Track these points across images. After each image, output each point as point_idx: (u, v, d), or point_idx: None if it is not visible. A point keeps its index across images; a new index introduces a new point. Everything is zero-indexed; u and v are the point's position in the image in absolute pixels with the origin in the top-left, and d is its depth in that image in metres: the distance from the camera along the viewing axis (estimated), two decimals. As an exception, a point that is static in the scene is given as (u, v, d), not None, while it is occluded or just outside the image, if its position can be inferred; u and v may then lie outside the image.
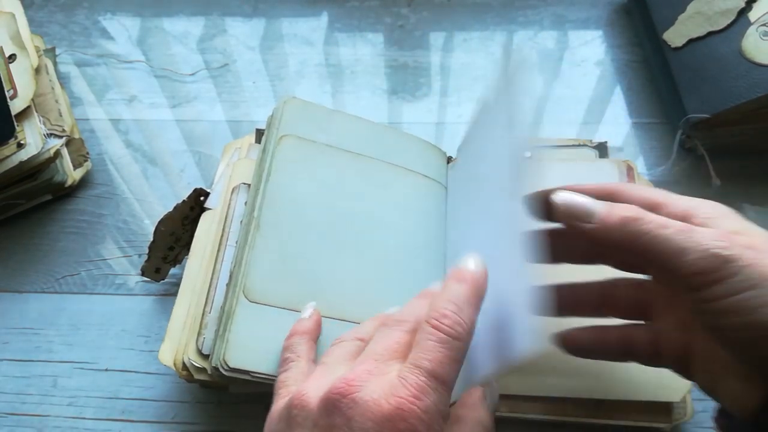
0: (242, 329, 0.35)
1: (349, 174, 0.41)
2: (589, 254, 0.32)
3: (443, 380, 0.25)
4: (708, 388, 0.29)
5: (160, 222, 0.42)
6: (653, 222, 0.26)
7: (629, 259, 0.31)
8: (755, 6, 0.47)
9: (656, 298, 0.31)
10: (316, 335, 0.35)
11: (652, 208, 0.28)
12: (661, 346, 0.30)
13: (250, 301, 0.36)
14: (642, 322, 0.32)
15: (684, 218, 0.27)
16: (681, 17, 0.49)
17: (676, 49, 0.49)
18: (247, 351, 0.35)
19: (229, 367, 0.34)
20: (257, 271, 0.37)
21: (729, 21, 0.47)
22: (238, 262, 0.38)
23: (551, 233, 0.31)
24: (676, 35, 0.49)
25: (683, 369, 0.30)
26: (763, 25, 0.46)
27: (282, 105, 0.42)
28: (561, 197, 0.29)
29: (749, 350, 0.25)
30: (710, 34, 0.48)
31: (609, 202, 0.28)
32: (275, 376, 0.33)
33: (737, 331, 0.25)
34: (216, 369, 0.35)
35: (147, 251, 0.43)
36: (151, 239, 0.43)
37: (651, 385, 0.36)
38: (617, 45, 0.56)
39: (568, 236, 0.30)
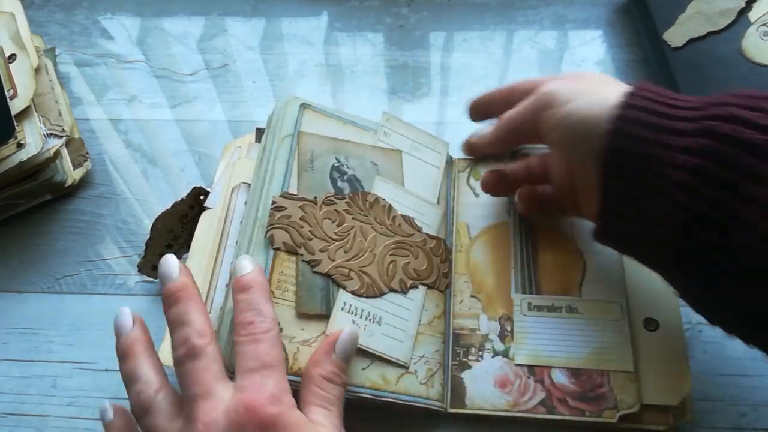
0: None
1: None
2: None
3: (269, 364, 0.31)
4: (578, 211, 0.38)
5: (157, 219, 0.42)
6: (511, 113, 0.38)
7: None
8: (755, 6, 0.47)
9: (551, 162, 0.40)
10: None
11: (511, 91, 0.40)
12: (562, 196, 0.38)
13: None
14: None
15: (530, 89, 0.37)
16: (681, 17, 0.49)
17: (677, 49, 0.49)
18: None
19: (233, 371, 0.34)
20: None
21: (729, 21, 0.47)
22: None
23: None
24: (676, 35, 0.49)
25: (576, 209, 0.38)
26: (764, 25, 0.46)
27: (284, 105, 0.42)
28: (464, 142, 0.45)
29: (574, 152, 0.34)
30: (710, 34, 0.48)
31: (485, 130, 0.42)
32: None
33: (563, 138, 0.34)
34: None
35: (144, 248, 0.43)
36: (148, 236, 0.43)
37: (650, 388, 0.36)
38: (617, 45, 0.56)
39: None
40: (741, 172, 0.27)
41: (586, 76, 0.36)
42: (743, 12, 0.47)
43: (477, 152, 0.44)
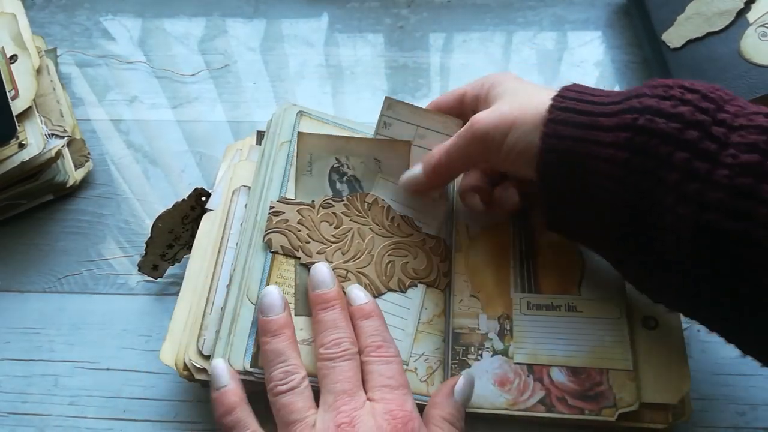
0: (246, 332, 0.36)
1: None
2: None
3: (404, 385, 0.34)
4: None
5: (157, 218, 0.43)
6: (442, 155, 0.38)
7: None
8: (754, 7, 0.47)
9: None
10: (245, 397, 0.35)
11: (460, 101, 0.40)
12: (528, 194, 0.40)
13: (253, 304, 0.37)
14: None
15: (478, 97, 0.39)
16: (680, 18, 0.49)
17: (675, 49, 0.49)
18: (251, 353, 0.36)
19: (234, 368, 0.35)
20: (260, 273, 0.37)
21: (728, 22, 0.47)
22: (240, 265, 0.38)
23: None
24: (675, 36, 0.49)
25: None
26: (762, 25, 0.46)
27: (282, 112, 0.43)
28: (400, 181, 0.42)
29: (525, 169, 0.35)
30: (709, 34, 0.48)
31: (425, 161, 0.40)
32: None
33: (514, 163, 0.35)
34: None
35: (144, 247, 0.43)
36: (149, 236, 0.43)
37: (649, 386, 0.36)
38: (616, 46, 0.57)
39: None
40: (659, 161, 0.29)
41: (509, 90, 0.36)
42: (742, 13, 0.47)
43: (415, 193, 0.42)
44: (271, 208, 0.39)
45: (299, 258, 0.38)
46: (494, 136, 0.34)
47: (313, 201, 0.40)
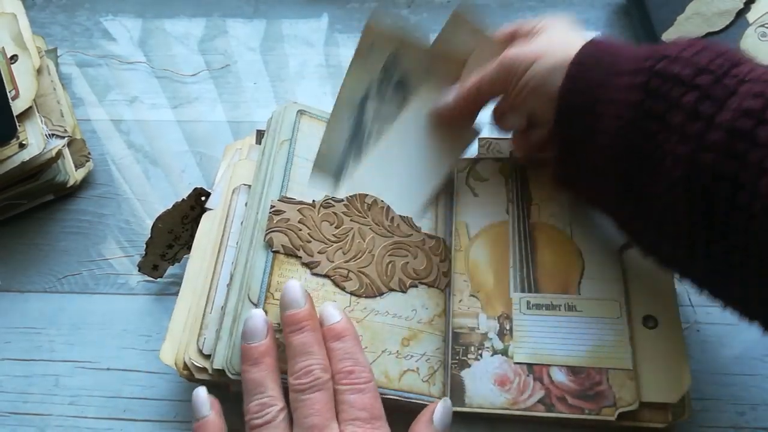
0: None
1: None
2: None
3: (378, 416, 0.32)
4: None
5: (157, 219, 0.43)
6: (470, 83, 0.40)
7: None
8: (753, 7, 0.47)
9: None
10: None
11: (513, 34, 0.41)
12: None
13: (253, 304, 0.36)
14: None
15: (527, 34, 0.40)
16: (680, 18, 0.49)
17: (675, 49, 0.49)
18: None
19: (236, 371, 0.35)
20: (261, 273, 0.37)
21: (727, 22, 0.47)
22: (241, 264, 0.38)
23: None
24: (675, 36, 0.49)
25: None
26: (762, 26, 0.46)
27: (282, 110, 0.43)
28: (431, 109, 0.43)
29: (540, 104, 0.37)
30: (709, 35, 0.48)
31: (453, 93, 0.42)
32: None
33: (530, 95, 0.37)
34: (220, 372, 0.35)
35: (144, 247, 0.43)
36: (149, 236, 0.43)
37: (649, 386, 0.36)
38: (616, 46, 0.57)
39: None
40: (669, 103, 0.30)
41: (549, 28, 0.38)
42: (741, 13, 0.47)
43: (444, 120, 0.43)
44: (272, 207, 0.39)
45: (300, 257, 0.38)
46: (518, 67, 0.36)
47: (313, 201, 0.40)
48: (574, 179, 0.37)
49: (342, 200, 0.41)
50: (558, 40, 0.37)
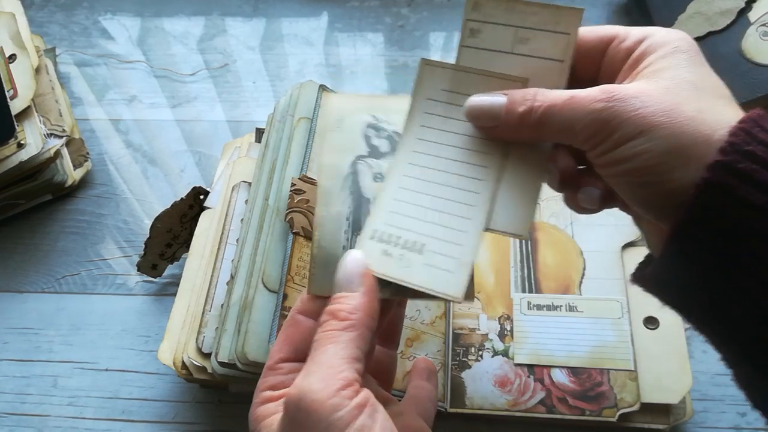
0: (262, 320, 0.34)
1: None
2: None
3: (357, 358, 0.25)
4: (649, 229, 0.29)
5: (156, 218, 0.43)
6: (543, 104, 0.26)
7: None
8: (755, 6, 0.47)
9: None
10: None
11: (607, 42, 0.28)
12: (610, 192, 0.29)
13: (270, 291, 0.35)
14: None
15: (626, 55, 0.27)
16: (681, 17, 0.49)
17: (676, 49, 0.49)
18: (266, 343, 0.34)
19: (248, 360, 0.33)
20: (279, 258, 0.36)
21: (729, 21, 0.47)
22: (247, 254, 0.37)
23: None
24: (675, 35, 0.49)
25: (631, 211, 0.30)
26: (763, 25, 0.46)
27: (298, 87, 0.42)
28: (470, 100, 0.29)
29: (641, 194, 0.25)
30: (710, 34, 0.48)
31: (512, 96, 0.27)
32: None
33: (623, 178, 0.25)
34: (228, 364, 0.34)
35: (143, 247, 0.43)
36: (148, 235, 0.43)
37: (651, 387, 0.36)
38: (617, 45, 0.56)
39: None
40: None
41: (675, 74, 0.25)
42: (743, 12, 0.47)
43: (495, 135, 0.29)
44: (292, 185, 0.37)
45: None
46: (625, 126, 0.24)
47: None
48: (664, 284, 0.27)
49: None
50: (688, 100, 0.24)
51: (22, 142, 0.45)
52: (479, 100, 0.28)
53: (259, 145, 0.44)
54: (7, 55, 0.48)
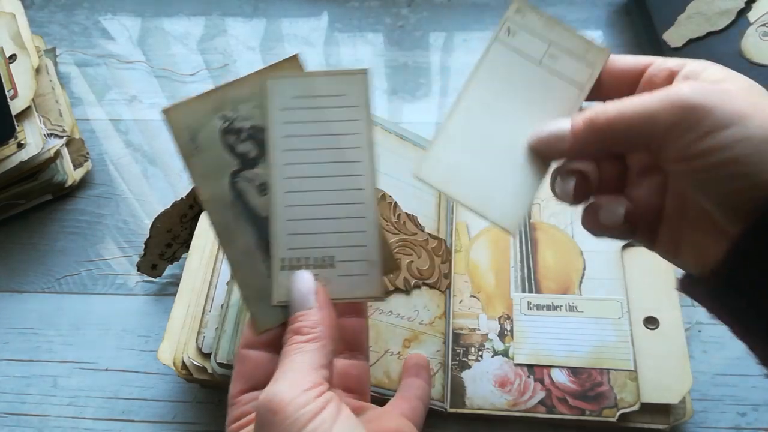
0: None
1: None
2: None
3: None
4: (671, 252, 0.28)
5: (156, 218, 0.43)
6: (610, 109, 0.26)
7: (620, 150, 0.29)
8: (755, 6, 0.47)
9: (631, 167, 0.29)
10: None
11: (642, 70, 0.28)
12: (634, 215, 0.28)
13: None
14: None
15: (670, 75, 0.27)
16: (680, 18, 0.49)
17: (676, 49, 0.49)
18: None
19: None
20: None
21: (728, 21, 0.47)
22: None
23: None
24: (675, 36, 0.49)
25: (651, 237, 0.29)
26: (763, 25, 0.46)
27: None
28: (531, 137, 0.29)
29: (727, 187, 0.24)
30: (710, 34, 0.48)
31: (574, 117, 0.27)
32: None
33: (708, 172, 0.24)
34: (226, 364, 0.35)
35: (143, 247, 0.43)
36: (148, 235, 0.43)
37: (650, 387, 0.36)
38: (617, 45, 0.56)
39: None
40: None
41: (738, 78, 0.25)
42: (742, 12, 0.47)
43: (548, 155, 0.29)
44: None
45: None
46: (709, 116, 0.23)
47: None
48: (727, 305, 0.26)
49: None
50: (762, 95, 0.24)
51: (22, 142, 0.45)
52: (540, 131, 0.28)
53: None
54: (7, 55, 0.48)
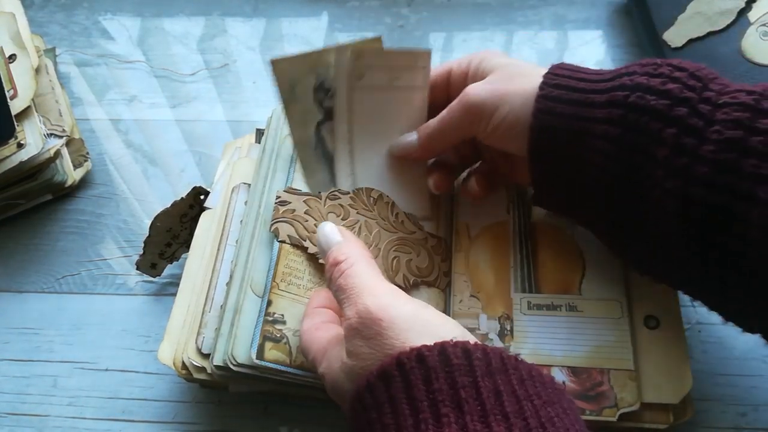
0: (250, 324, 0.35)
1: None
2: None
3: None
4: (512, 179, 0.41)
5: (156, 217, 0.43)
6: (433, 123, 0.38)
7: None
8: (755, 6, 0.47)
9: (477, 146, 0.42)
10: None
11: (446, 77, 0.39)
12: (500, 170, 0.41)
13: (257, 296, 0.36)
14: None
15: (463, 77, 0.38)
16: (681, 17, 0.49)
17: (676, 49, 0.49)
18: (257, 344, 0.35)
19: (237, 362, 0.34)
20: (265, 264, 0.37)
21: (729, 21, 0.47)
22: (242, 258, 0.38)
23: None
24: (676, 35, 0.49)
25: (514, 179, 0.41)
26: (763, 25, 0.46)
27: None
28: (391, 149, 0.40)
29: (515, 140, 0.35)
30: (710, 34, 0.48)
31: (419, 130, 0.39)
32: (283, 371, 0.34)
33: (504, 134, 0.35)
34: (222, 367, 0.35)
35: (142, 245, 0.43)
36: (147, 234, 0.43)
37: (651, 386, 0.36)
38: (617, 45, 0.56)
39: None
40: (650, 137, 0.30)
41: (500, 64, 0.36)
42: (743, 12, 0.47)
43: (408, 158, 0.40)
44: (278, 197, 0.38)
45: (307, 248, 0.38)
46: (485, 108, 0.35)
47: (319, 192, 0.39)
48: (556, 204, 0.37)
49: (348, 193, 0.40)
50: (515, 72, 0.35)
51: (22, 142, 0.45)
52: (398, 142, 0.40)
53: (258, 146, 0.44)
54: (7, 55, 0.48)
